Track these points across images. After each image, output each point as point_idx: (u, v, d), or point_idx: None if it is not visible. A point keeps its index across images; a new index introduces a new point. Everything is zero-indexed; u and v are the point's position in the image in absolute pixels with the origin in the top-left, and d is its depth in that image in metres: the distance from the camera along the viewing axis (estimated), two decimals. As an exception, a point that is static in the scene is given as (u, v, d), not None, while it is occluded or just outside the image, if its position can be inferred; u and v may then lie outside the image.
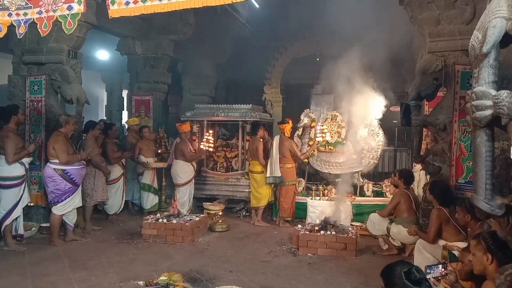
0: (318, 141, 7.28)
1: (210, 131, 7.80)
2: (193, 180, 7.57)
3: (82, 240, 6.04)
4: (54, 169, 5.65)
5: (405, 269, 2.17)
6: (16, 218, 5.62)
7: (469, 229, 4.09)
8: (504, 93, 2.34)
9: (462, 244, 4.00)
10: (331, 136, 7.74)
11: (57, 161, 5.64)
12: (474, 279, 2.83)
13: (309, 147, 7.54)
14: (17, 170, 5.54)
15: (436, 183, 4.69)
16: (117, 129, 7.76)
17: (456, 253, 3.95)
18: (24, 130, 6.46)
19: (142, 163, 7.53)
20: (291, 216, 7.14)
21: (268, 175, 7.15)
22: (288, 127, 7.33)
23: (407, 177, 5.62)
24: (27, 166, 5.72)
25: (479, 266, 2.62)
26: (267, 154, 7.35)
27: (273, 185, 7.29)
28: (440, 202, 4.42)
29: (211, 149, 7.74)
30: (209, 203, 7.42)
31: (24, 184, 5.67)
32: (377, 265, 5.13)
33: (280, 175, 7.07)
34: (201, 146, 7.66)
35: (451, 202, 4.39)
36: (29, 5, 4.53)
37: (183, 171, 7.37)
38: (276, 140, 7.26)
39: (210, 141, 7.57)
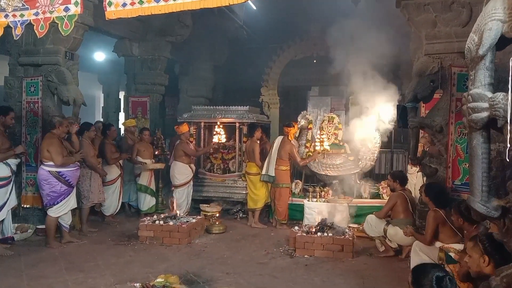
0: (318, 150, 7.25)
1: (219, 124, 7.76)
2: (191, 182, 7.56)
3: (79, 242, 6.02)
4: (49, 171, 5.63)
5: (438, 275, 2.16)
6: (3, 221, 5.56)
7: (465, 232, 4.09)
8: (500, 95, 2.35)
9: (459, 246, 4.00)
10: (328, 138, 7.75)
11: (51, 163, 5.61)
12: (472, 280, 2.83)
13: (307, 149, 7.54)
14: (1, 171, 5.46)
15: (431, 185, 4.70)
16: (115, 129, 7.75)
17: (452, 255, 3.96)
18: (21, 131, 6.44)
19: (140, 163, 7.51)
20: (286, 219, 7.13)
21: (263, 172, 7.15)
22: (293, 131, 7.34)
23: (401, 178, 5.71)
24: (13, 167, 5.63)
25: (476, 268, 2.62)
26: (264, 155, 7.34)
27: (270, 187, 7.29)
28: (436, 204, 4.42)
29: (223, 140, 7.72)
30: (206, 205, 7.41)
31: (10, 186, 5.59)
32: (374, 266, 5.15)
33: (274, 175, 7.07)
34: (214, 139, 7.65)
35: (446, 204, 4.39)
36: (26, 6, 4.52)
37: (180, 172, 7.37)
38: (278, 140, 7.26)
39: (221, 133, 7.52)
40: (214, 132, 7.68)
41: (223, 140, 7.81)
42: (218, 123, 7.87)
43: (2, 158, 5.43)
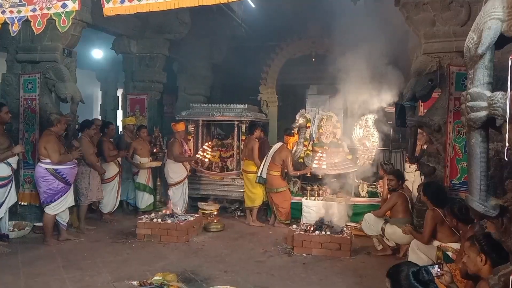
0: (313, 168, 7.22)
1: (210, 143, 7.85)
2: (187, 180, 7.56)
3: (76, 239, 6.01)
4: (46, 168, 5.60)
5: (414, 270, 2.19)
6: (0, 219, 5.56)
7: (460, 232, 4.10)
8: (499, 94, 2.34)
9: (457, 245, 4.01)
10: (326, 137, 7.76)
11: (48, 160, 5.59)
12: (473, 278, 2.83)
13: (305, 148, 7.53)
14: (2, 170, 5.43)
15: (429, 184, 4.70)
16: (114, 128, 7.74)
17: (450, 254, 3.97)
18: (18, 129, 6.42)
19: (136, 164, 7.50)
20: (289, 220, 7.13)
21: (258, 174, 7.17)
22: (292, 139, 7.41)
23: (402, 176, 5.75)
24: (14, 166, 5.61)
25: (474, 267, 2.63)
26: (263, 154, 7.34)
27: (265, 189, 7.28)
28: (434, 203, 4.43)
29: (206, 159, 7.77)
30: (204, 203, 7.40)
31: (10, 185, 5.58)
32: (372, 265, 5.16)
33: (265, 177, 7.10)
34: (198, 156, 7.69)
35: (445, 203, 4.40)
36: (23, 2, 4.49)
37: (174, 171, 7.37)
38: (276, 146, 7.30)
39: (208, 151, 7.58)
40: (202, 149, 7.70)
41: (207, 158, 7.82)
42: (208, 144, 7.97)
43: (1, 158, 5.39)
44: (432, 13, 5.05)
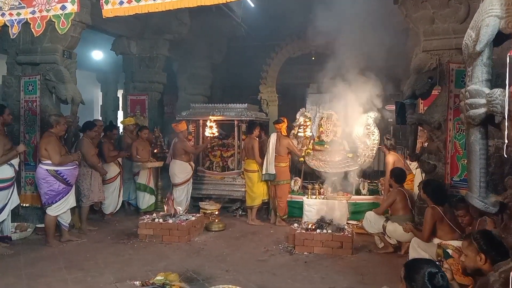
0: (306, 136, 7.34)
1: (211, 117, 7.70)
2: (191, 180, 7.57)
3: (78, 240, 6.02)
4: (47, 170, 5.62)
5: (431, 271, 2.18)
6: (3, 221, 5.57)
7: (470, 228, 4.09)
8: (497, 91, 2.35)
9: (457, 243, 4.01)
10: (327, 136, 7.77)
11: (49, 162, 5.60)
12: (475, 275, 2.83)
13: (305, 147, 7.59)
14: (5, 172, 5.44)
15: (429, 182, 4.70)
16: (116, 133, 7.77)
17: (450, 251, 3.97)
18: (19, 130, 6.43)
19: (140, 160, 7.50)
20: (286, 215, 7.15)
21: (263, 172, 7.16)
22: (284, 126, 7.35)
23: (398, 176, 5.65)
24: (16, 167, 5.63)
25: (473, 266, 2.62)
26: (263, 153, 7.34)
27: (269, 184, 7.29)
28: (434, 201, 4.42)
29: (216, 134, 7.71)
30: (205, 203, 7.41)
31: (13, 187, 5.59)
32: (373, 263, 5.17)
33: (274, 172, 7.09)
34: (206, 133, 7.61)
35: (444, 201, 4.40)
36: (22, 5, 4.51)
37: (181, 170, 7.37)
38: (273, 137, 7.24)
39: (213, 127, 7.51)
40: (209, 126, 7.61)
41: (215, 132, 7.70)
42: (210, 119, 7.82)
43: (6, 160, 5.41)
44: (431, 11, 5.05)
